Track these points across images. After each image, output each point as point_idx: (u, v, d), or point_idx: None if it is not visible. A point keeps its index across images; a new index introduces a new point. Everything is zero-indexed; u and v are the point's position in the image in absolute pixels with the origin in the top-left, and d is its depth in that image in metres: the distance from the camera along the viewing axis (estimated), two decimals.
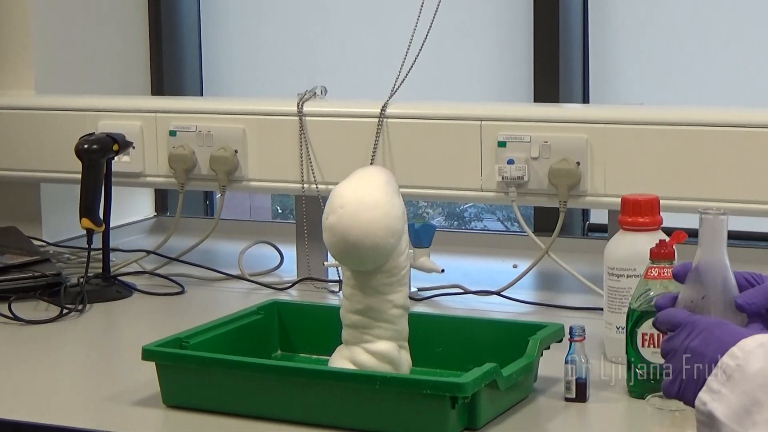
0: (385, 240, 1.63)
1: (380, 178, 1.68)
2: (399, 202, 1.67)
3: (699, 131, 2.13)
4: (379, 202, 1.64)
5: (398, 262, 1.67)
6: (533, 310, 2.19)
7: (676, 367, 1.36)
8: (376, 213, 1.63)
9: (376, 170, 1.71)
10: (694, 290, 1.41)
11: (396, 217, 1.65)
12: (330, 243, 1.65)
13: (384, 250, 1.64)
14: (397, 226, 1.65)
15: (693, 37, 2.63)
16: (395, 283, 1.68)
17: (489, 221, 3.29)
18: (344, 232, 1.63)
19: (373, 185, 1.66)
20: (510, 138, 2.23)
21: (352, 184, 1.67)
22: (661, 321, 1.41)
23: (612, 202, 2.13)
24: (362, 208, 1.63)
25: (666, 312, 1.41)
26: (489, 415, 1.61)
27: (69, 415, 1.70)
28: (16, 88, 2.70)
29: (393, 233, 1.64)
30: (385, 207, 1.64)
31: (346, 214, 1.63)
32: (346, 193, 1.65)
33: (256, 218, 3.22)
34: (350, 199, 1.64)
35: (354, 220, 1.62)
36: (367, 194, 1.65)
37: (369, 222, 1.62)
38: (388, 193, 1.66)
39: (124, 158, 2.44)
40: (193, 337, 1.75)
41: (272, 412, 1.62)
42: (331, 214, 1.64)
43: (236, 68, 3.04)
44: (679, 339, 1.36)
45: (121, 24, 2.91)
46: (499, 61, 2.79)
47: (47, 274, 2.28)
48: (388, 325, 1.68)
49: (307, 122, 2.38)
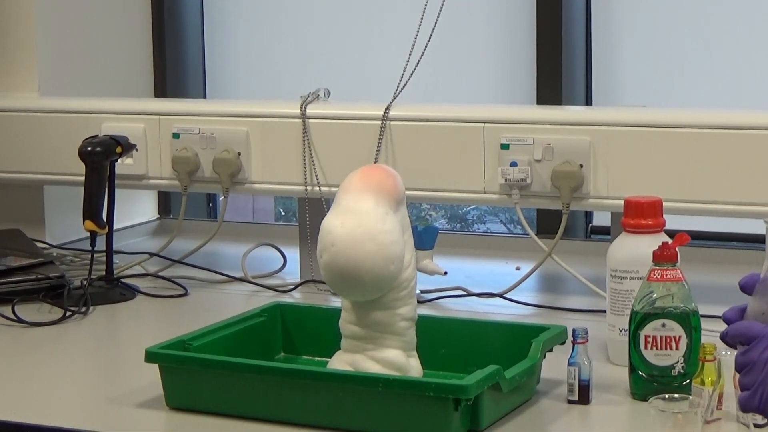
0: (384, 270, 1.58)
1: (368, 200, 1.60)
2: (393, 222, 1.60)
3: (701, 133, 2.13)
4: (371, 232, 1.57)
5: (406, 275, 1.64)
6: (536, 313, 2.19)
7: (755, 380, 1.33)
8: (370, 246, 1.57)
9: (362, 187, 1.62)
10: (763, 302, 1.38)
11: (392, 242, 1.58)
12: (328, 281, 1.62)
13: (386, 280, 1.60)
14: (395, 251, 1.59)
15: (695, 39, 2.63)
16: (405, 297, 1.65)
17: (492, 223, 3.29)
18: (340, 271, 1.59)
19: (362, 212, 1.59)
20: (513, 140, 2.23)
21: (339, 215, 1.60)
22: (734, 334, 1.38)
23: (615, 204, 2.13)
24: (354, 244, 1.57)
25: (739, 324, 1.38)
26: (492, 417, 1.61)
27: (72, 418, 1.70)
28: (19, 90, 2.70)
29: (392, 260, 1.58)
30: (378, 236, 1.58)
31: (339, 252, 1.57)
32: (334, 229, 1.58)
33: (259, 221, 3.23)
34: (340, 236, 1.58)
35: (348, 258, 1.57)
36: (356, 226, 1.58)
37: (364, 258, 1.57)
38: (379, 217, 1.59)
39: (127, 160, 2.45)
40: (196, 339, 1.75)
41: (275, 414, 1.63)
42: (323, 252, 1.59)
43: (239, 71, 3.04)
44: (756, 351, 1.33)
45: (125, 27, 2.91)
46: (502, 63, 2.80)
47: (50, 276, 2.28)
48: (396, 337, 1.66)
49: (311, 125, 2.38)
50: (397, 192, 1.64)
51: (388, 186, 1.63)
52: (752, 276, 1.41)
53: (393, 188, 1.63)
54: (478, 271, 2.47)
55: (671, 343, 1.68)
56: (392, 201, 1.62)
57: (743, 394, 1.35)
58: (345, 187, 1.64)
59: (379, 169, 1.66)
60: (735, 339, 1.38)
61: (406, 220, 1.67)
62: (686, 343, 1.68)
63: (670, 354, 1.68)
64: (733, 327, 1.39)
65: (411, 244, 1.67)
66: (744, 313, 1.40)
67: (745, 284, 1.42)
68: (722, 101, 2.60)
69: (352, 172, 1.67)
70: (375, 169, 1.67)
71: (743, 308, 1.41)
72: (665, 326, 1.68)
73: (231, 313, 1.89)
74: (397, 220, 1.62)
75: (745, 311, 1.40)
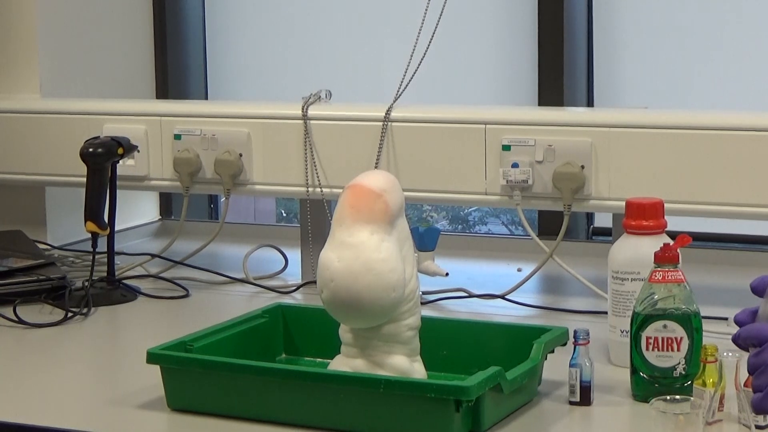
0: (386, 299, 1.59)
1: (362, 230, 1.59)
2: (389, 248, 1.59)
3: (703, 135, 2.13)
4: (367, 263, 1.58)
5: (410, 288, 1.64)
6: (537, 314, 2.19)
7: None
8: (368, 278, 1.58)
9: (355, 219, 1.60)
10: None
11: (390, 270, 1.59)
12: (331, 314, 1.63)
13: (389, 308, 1.60)
14: (394, 278, 1.59)
15: (697, 41, 2.63)
16: (411, 308, 1.66)
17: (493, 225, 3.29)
18: (342, 305, 1.60)
19: (357, 245, 1.59)
20: (514, 141, 2.23)
21: (336, 249, 1.60)
22: (746, 336, 1.37)
23: (616, 205, 2.13)
24: (353, 278, 1.58)
25: (751, 327, 1.38)
26: (493, 418, 1.61)
27: (73, 419, 1.70)
28: (21, 91, 2.70)
29: (393, 288, 1.59)
30: (376, 267, 1.58)
31: (339, 287, 1.58)
32: (332, 265, 1.59)
33: (261, 222, 3.23)
34: (338, 271, 1.59)
35: (349, 292, 1.58)
36: (353, 259, 1.58)
37: (364, 290, 1.58)
38: (375, 247, 1.59)
39: (128, 162, 2.45)
40: (197, 341, 1.75)
41: (276, 415, 1.63)
42: (324, 288, 1.61)
43: (241, 72, 3.04)
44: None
45: (126, 28, 2.91)
46: (503, 64, 2.80)
47: (52, 277, 2.28)
48: (402, 346, 1.66)
49: (312, 126, 2.38)
50: (390, 212, 1.62)
51: (379, 211, 1.62)
52: (764, 278, 1.41)
53: (384, 211, 1.62)
54: (479, 272, 2.47)
55: (672, 345, 1.68)
56: (386, 224, 1.61)
57: (756, 396, 1.35)
58: (338, 219, 1.63)
59: (367, 194, 1.62)
60: (747, 341, 1.38)
61: (404, 230, 1.66)
62: (688, 344, 1.68)
63: (671, 355, 1.68)
64: (745, 329, 1.39)
65: (411, 256, 1.66)
66: (755, 315, 1.40)
67: (757, 286, 1.42)
68: (724, 103, 2.60)
69: (342, 193, 1.65)
70: (363, 195, 1.63)
71: (754, 311, 1.41)
72: (666, 327, 1.68)
73: (232, 314, 1.89)
74: (393, 242, 1.61)
75: (756, 313, 1.40)
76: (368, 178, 1.66)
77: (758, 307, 1.41)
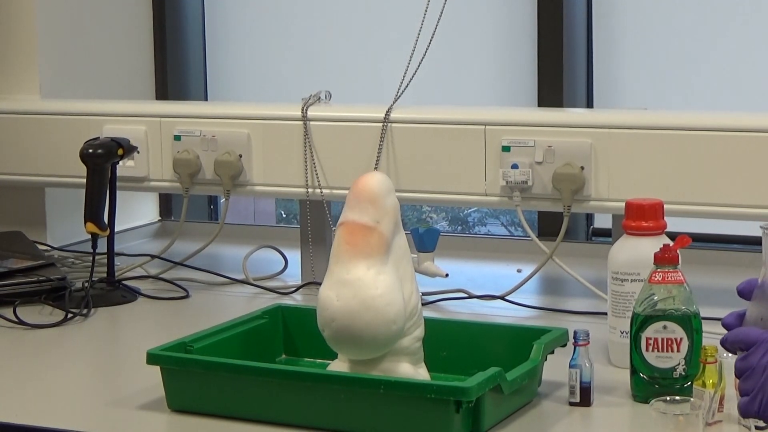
0: (387, 333, 1.61)
1: (358, 266, 1.61)
2: (386, 281, 1.60)
3: (703, 136, 2.13)
4: (365, 301, 1.60)
5: (412, 305, 1.65)
6: (537, 315, 2.19)
7: (755, 386, 1.33)
8: (368, 316, 1.59)
9: (351, 255, 1.62)
10: (762, 307, 1.38)
11: (388, 304, 1.60)
12: (336, 350, 1.66)
13: (391, 340, 1.62)
14: (393, 311, 1.60)
15: (697, 42, 2.63)
16: (416, 321, 1.67)
17: (493, 226, 3.29)
18: (345, 343, 1.63)
19: (353, 282, 1.60)
20: (514, 142, 2.23)
21: (334, 287, 1.62)
22: (733, 340, 1.38)
23: (616, 206, 2.13)
24: (352, 317, 1.60)
25: (738, 331, 1.38)
26: (493, 419, 1.61)
27: (73, 420, 1.70)
28: (21, 92, 2.70)
29: (393, 321, 1.61)
30: (374, 303, 1.60)
31: (340, 327, 1.61)
32: (331, 305, 1.61)
33: (261, 223, 3.23)
34: (338, 311, 1.61)
35: (350, 331, 1.60)
36: (351, 298, 1.60)
37: (365, 328, 1.60)
38: (371, 282, 1.60)
39: (128, 163, 2.45)
40: (197, 342, 1.75)
41: (276, 416, 1.63)
42: (326, 327, 1.63)
43: (240, 73, 3.04)
44: (756, 357, 1.33)
45: (126, 29, 2.91)
46: (503, 65, 2.80)
47: (52, 278, 2.28)
48: (408, 356, 1.67)
49: (312, 127, 2.38)
50: (385, 241, 1.63)
51: (374, 244, 1.63)
52: (750, 282, 1.41)
53: (379, 243, 1.63)
54: (479, 273, 2.48)
55: (672, 346, 1.68)
56: (382, 254, 1.63)
57: (743, 400, 1.35)
58: (335, 255, 1.64)
59: (361, 230, 1.63)
60: (735, 345, 1.38)
61: (402, 248, 1.67)
62: (687, 345, 1.68)
63: (671, 356, 1.69)
64: (732, 333, 1.39)
65: (409, 272, 1.67)
66: (743, 318, 1.40)
67: (743, 290, 1.42)
68: (723, 103, 2.61)
69: (337, 229, 1.65)
70: (358, 231, 1.63)
71: (742, 314, 1.41)
72: (666, 328, 1.68)
73: (232, 315, 1.89)
74: (390, 272, 1.62)
75: (743, 317, 1.40)
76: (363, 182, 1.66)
77: (746, 310, 1.41)
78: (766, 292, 1.38)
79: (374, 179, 1.66)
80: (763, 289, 1.38)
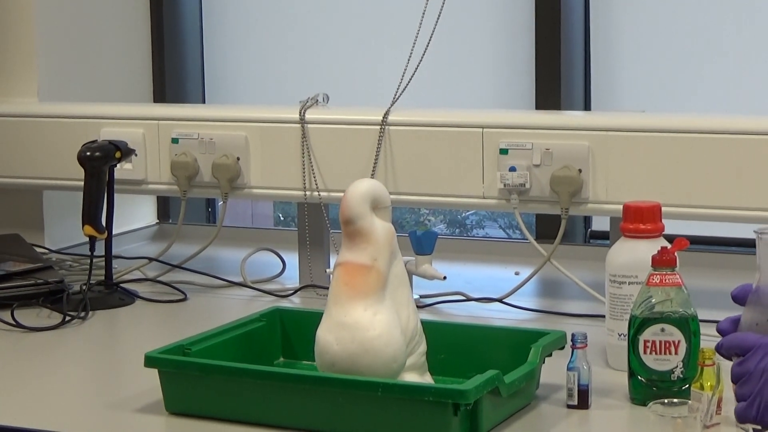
0: (388, 371, 1.62)
1: (356, 308, 1.62)
2: (383, 320, 1.61)
3: (700, 138, 2.13)
4: (364, 344, 1.61)
5: (411, 327, 1.66)
6: (535, 317, 2.19)
7: (752, 391, 1.33)
8: (367, 359, 1.61)
9: (348, 296, 1.63)
10: (757, 312, 1.38)
11: (386, 344, 1.61)
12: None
13: (395, 371, 1.63)
14: (391, 350, 1.61)
15: (694, 44, 2.63)
16: (419, 340, 1.68)
17: (491, 228, 3.28)
18: None
19: (351, 324, 1.61)
20: (512, 145, 2.23)
21: (333, 330, 1.63)
22: (729, 345, 1.37)
23: (613, 209, 2.13)
24: (352, 361, 1.61)
25: (734, 336, 1.38)
26: (491, 422, 1.61)
27: (71, 423, 1.70)
28: (19, 95, 2.70)
29: (393, 359, 1.62)
30: (373, 345, 1.61)
31: (341, 372, 1.62)
32: (330, 349, 1.63)
33: (258, 225, 3.22)
34: (337, 355, 1.62)
35: (352, 374, 1.61)
36: (349, 342, 1.61)
37: (366, 370, 1.61)
38: (368, 323, 1.61)
39: (126, 165, 2.45)
40: (195, 344, 1.75)
41: (274, 418, 1.63)
42: (326, 371, 1.64)
43: (238, 76, 3.04)
44: (752, 362, 1.33)
45: (124, 32, 2.91)
46: (500, 68, 2.80)
47: (50, 281, 2.28)
48: (414, 370, 1.68)
49: (309, 130, 2.38)
50: (382, 278, 1.64)
51: (372, 282, 1.64)
52: (744, 287, 1.41)
53: (377, 280, 1.64)
54: (477, 276, 2.48)
55: (670, 348, 1.68)
56: (379, 292, 1.64)
57: (740, 405, 1.35)
58: (333, 296, 1.65)
59: (358, 270, 1.64)
60: (731, 350, 1.38)
61: (399, 274, 1.67)
62: (685, 347, 1.68)
63: (669, 359, 1.69)
64: (728, 339, 1.39)
65: (407, 296, 1.68)
66: (738, 323, 1.40)
67: (737, 295, 1.42)
68: (721, 106, 2.61)
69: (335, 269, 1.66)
70: (355, 271, 1.64)
71: (737, 319, 1.41)
72: (664, 331, 1.69)
73: (230, 318, 1.89)
74: (387, 310, 1.63)
75: (738, 322, 1.40)
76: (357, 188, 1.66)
77: (740, 316, 1.41)
78: (760, 297, 1.38)
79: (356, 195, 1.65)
80: (757, 294, 1.38)
